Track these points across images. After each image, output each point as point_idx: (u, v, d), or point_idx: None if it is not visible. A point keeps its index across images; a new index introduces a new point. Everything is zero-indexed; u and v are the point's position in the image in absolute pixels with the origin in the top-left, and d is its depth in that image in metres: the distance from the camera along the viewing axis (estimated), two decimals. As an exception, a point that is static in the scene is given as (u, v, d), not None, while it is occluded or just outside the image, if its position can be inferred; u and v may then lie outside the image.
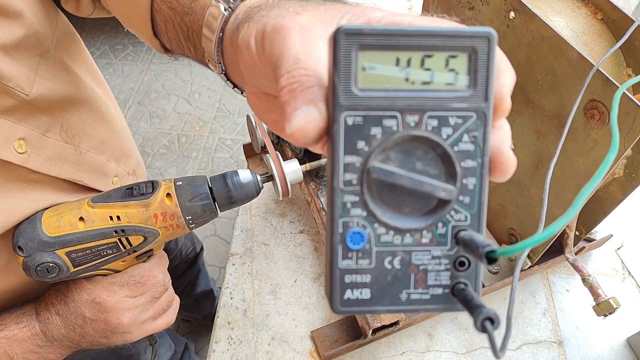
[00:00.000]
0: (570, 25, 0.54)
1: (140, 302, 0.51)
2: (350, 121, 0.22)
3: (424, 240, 0.23)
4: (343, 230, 0.22)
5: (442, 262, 0.23)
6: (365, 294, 0.23)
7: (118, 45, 2.49)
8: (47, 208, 0.48)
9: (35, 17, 0.46)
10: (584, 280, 0.60)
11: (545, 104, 0.52)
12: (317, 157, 0.64)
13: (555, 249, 0.63)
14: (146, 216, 0.46)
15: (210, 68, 0.42)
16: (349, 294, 0.23)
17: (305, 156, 0.66)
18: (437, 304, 0.24)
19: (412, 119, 0.22)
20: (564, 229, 0.58)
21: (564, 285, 0.70)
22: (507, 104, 0.23)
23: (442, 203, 0.23)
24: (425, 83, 0.22)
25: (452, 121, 0.22)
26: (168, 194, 0.47)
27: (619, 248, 0.73)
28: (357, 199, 0.22)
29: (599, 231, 0.68)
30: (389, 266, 0.23)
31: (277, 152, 0.55)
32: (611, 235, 0.70)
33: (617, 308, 0.57)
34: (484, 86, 0.22)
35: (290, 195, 0.54)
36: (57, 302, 0.50)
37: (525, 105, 0.55)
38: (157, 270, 0.52)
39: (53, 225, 0.46)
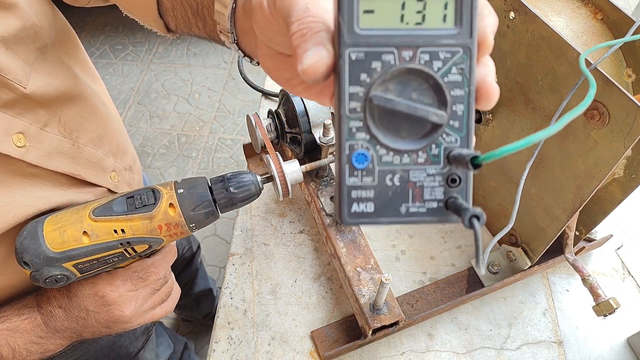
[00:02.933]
0: (570, 25, 0.54)
1: (141, 294, 0.52)
2: (353, 56, 0.25)
3: (420, 160, 0.26)
4: (349, 152, 0.26)
5: (436, 179, 0.27)
6: (370, 207, 0.26)
7: (118, 45, 2.49)
8: (46, 217, 0.47)
9: (31, 9, 0.46)
10: (584, 280, 0.60)
11: (546, 104, 0.52)
12: (317, 157, 0.64)
13: (555, 249, 0.63)
14: (150, 228, 0.46)
15: (219, 42, 0.45)
16: (355, 207, 0.26)
17: (306, 156, 0.66)
18: (432, 216, 0.27)
19: (407, 53, 0.25)
20: (564, 229, 0.58)
21: (564, 285, 0.70)
22: (490, 41, 0.26)
23: (435, 127, 0.26)
24: (417, 23, 0.25)
25: (441, 55, 0.25)
26: (171, 204, 0.47)
27: (619, 248, 0.73)
28: (360, 124, 0.26)
29: (599, 231, 0.68)
30: (389, 183, 0.26)
31: (277, 152, 0.55)
32: (611, 235, 0.70)
33: (617, 308, 0.57)
34: (469, 25, 0.25)
35: (290, 196, 0.54)
36: (60, 296, 0.51)
37: (525, 105, 0.55)
38: (159, 267, 0.53)
39: (57, 240, 0.45)
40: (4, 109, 0.45)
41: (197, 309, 1.51)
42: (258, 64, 0.43)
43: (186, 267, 1.31)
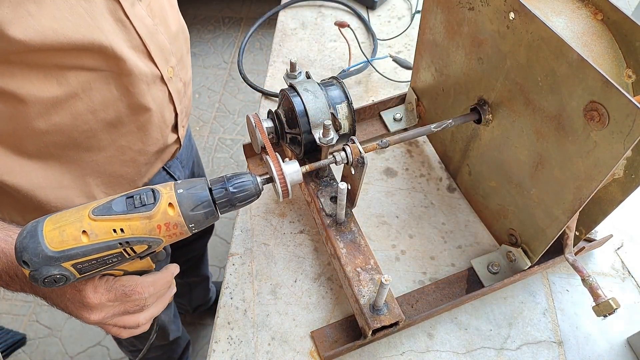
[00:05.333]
0: (570, 26, 0.54)
1: (117, 309, 0.53)
2: None
3: None
4: None
5: None
6: None
7: (118, 44, 2.49)
8: (47, 216, 0.47)
9: None
10: (583, 280, 0.60)
11: (545, 105, 0.52)
12: (317, 157, 0.64)
13: (555, 249, 0.63)
14: (150, 227, 0.46)
15: None
16: None
17: (305, 157, 0.66)
18: None
19: None
20: (564, 229, 0.58)
21: (564, 285, 0.70)
22: None
23: None
24: None
25: None
26: (170, 204, 0.47)
27: (619, 248, 0.73)
28: None
29: (599, 231, 0.69)
30: None
31: (277, 152, 0.55)
32: (611, 235, 0.70)
33: (616, 309, 0.57)
34: None
35: (290, 197, 0.54)
36: None
37: (525, 106, 0.55)
38: (145, 289, 0.53)
39: (56, 239, 0.45)
40: None
41: (189, 298, 1.52)
42: None
43: (201, 238, 1.32)
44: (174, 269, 0.59)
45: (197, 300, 1.56)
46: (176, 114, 0.75)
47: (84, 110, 0.61)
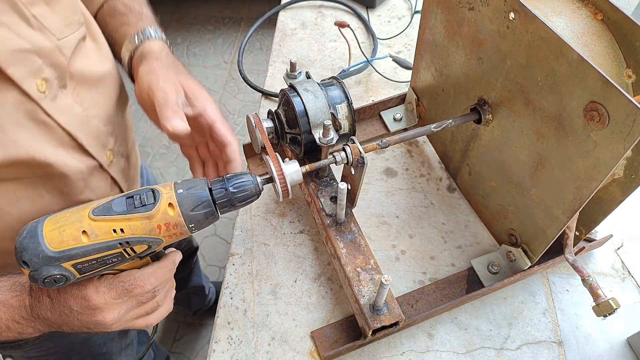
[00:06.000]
0: (570, 26, 0.54)
1: (126, 304, 0.52)
2: None
3: None
4: None
5: None
6: None
7: (118, 44, 2.49)
8: (47, 217, 0.47)
9: None
10: (583, 280, 0.60)
11: (545, 105, 0.52)
12: (317, 157, 0.64)
13: (555, 249, 0.63)
14: (150, 227, 0.46)
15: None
16: None
17: (305, 157, 0.66)
18: None
19: None
20: (564, 229, 0.58)
21: (564, 285, 0.70)
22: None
23: None
24: None
25: None
26: (170, 204, 0.47)
27: (619, 248, 0.73)
28: None
29: (599, 231, 0.69)
30: None
31: (277, 152, 0.55)
32: (611, 235, 0.70)
33: (616, 309, 0.57)
34: None
35: (290, 197, 0.54)
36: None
37: (525, 106, 0.55)
38: (146, 280, 0.52)
39: (56, 239, 0.45)
40: (38, 55, 0.52)
41: (188, 304, 1.54)
42: None
43: (184, 263, 1.32)
44: (175, 255, 0.55)
45: (195, 306, 1.56)
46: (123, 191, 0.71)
47: (15, 222, 0.56)
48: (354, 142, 0.58)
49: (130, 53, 0.64)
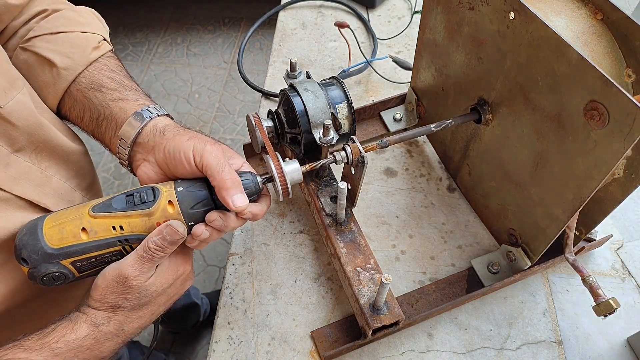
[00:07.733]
0: (570, 25, 0.54)
1: (152, 263, 0.47)
2: None
3: None
4: None
5: None
6: None
7: (118, 45, 2.49)
8: (47, 215, 0.48)
9: None
10: (584, 280, 0.60)
11: (545, 104, 0.52)
12: (317, 157, 0.64)
13: (555, 249, 0.63)
14: (149, 225, 0.46)
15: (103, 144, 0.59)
16: None
17: (306, 156, 0.66)
18: None
19: None
20: (564, 229, 0.58)
21: (564, 285, 0.70)
22: None
23: None
24: None
25: None
26: (170, 202, 0.47)
27: (619, 248, 0.73)
28: None
29: (599, 231, 0.69)
30: None
31: (277, 152, 0.55)
32: (611, 235, 0.70)
33: (616, 308, 0.57)
34: None
35: (290, 196, 0.54)
36: (87, 294, 0.48)
37: (525, 105, 0.55)
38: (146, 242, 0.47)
39: (56, 236, 0.45)
40: None
41: (184, 321, 1.51)
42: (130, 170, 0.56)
43: None
44: (177, 225, 0.48)
45: (192, 320, 1.53)
46: None
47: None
48: (354, 142, 0.58)
49: (137, 129, 0.55)
